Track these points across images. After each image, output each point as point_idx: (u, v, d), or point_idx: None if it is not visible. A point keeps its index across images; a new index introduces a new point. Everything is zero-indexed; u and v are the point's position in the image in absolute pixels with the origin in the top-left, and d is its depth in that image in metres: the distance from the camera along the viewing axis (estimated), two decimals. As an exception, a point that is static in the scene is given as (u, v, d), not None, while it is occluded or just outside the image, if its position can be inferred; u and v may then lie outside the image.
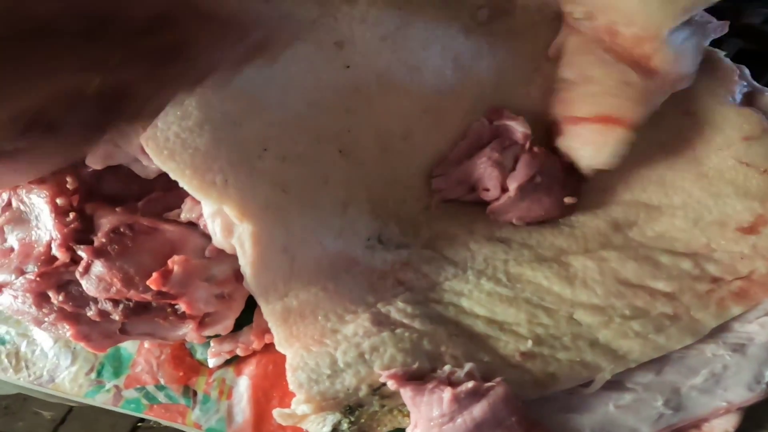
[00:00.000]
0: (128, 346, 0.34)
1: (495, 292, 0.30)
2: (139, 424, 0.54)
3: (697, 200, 0.34)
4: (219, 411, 0.32)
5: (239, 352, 0.32)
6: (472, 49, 0.33)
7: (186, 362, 0.33)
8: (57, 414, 0.58)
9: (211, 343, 0.33)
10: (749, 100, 0.37)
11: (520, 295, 0.30)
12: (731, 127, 0.34)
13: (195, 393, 0.32)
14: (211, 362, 0.33)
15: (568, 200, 0.33)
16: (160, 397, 0.32)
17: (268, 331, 0.32)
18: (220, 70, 0.27)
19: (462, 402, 0.26)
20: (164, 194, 0.30)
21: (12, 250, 0.29)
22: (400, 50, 0.31)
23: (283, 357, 0.33)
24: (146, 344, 0.33)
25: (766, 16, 0.53)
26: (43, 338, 0.34)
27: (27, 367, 0.34)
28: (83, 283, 0.27)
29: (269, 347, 0.33)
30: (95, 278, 0.26)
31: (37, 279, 0.27)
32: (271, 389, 0.32)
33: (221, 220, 0.27)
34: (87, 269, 0.27)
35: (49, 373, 0.33)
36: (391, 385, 0.26)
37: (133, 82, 0.25)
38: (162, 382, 0.33)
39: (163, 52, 0.25)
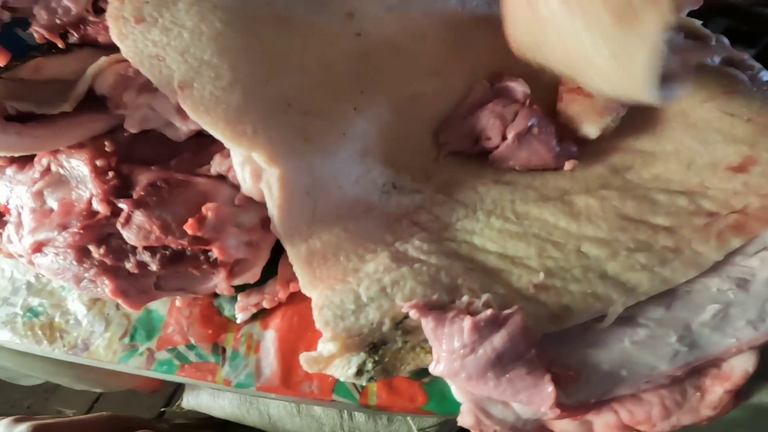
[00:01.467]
0: (159, 308, 0.35)
1: (505, 229, 0.32)
2: (163, 409, 0.54)
3: (688, 147, 0.37)
4: (247, 366, 0.33)
5: (265, 304, 0.34)
6: (469, 18, 0.37)
7: (214, 320, 0.35)
8: (79, 411, 0.58)
9: (239, 298, 0.34)
10: (728, 63, 0.40)
11: (529, 231, 0.32)
12: (712, 83, 0.37)
13: (224, 350, 0.33)
14: (239, 317, 0.34)
15: (568, 165, 0.35)
16: (191, 356, 0.33)
17: (292, 280, 0.34)
18: None
19: (482, 331, 0.26)
20: (193, 155, 0.33)
21: (52, 210, 0.31)
22: (405, 19, 0.35)
23: (306, 308, 0.34)
24: (177, 302, 0.34)
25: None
26: (77, 307, 0.36)
27: (61, 337, 0.35)
28: (124, 233, 0.28)
29: (293, 299, 0.34)
30: (135, 227, 0.28)
31: (81, 232, 0.28)
32: (296, 342, 0.33)
33: (250, 167, 0.29)
34: (128, 220, 0.29)
35: (84, 341, 0.34)
36: (414, 314, 0.27)
37: None
38: (192, 341, 0.34)
39: None
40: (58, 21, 0.30)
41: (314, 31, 0.33)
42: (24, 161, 0.32)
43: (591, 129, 0.36)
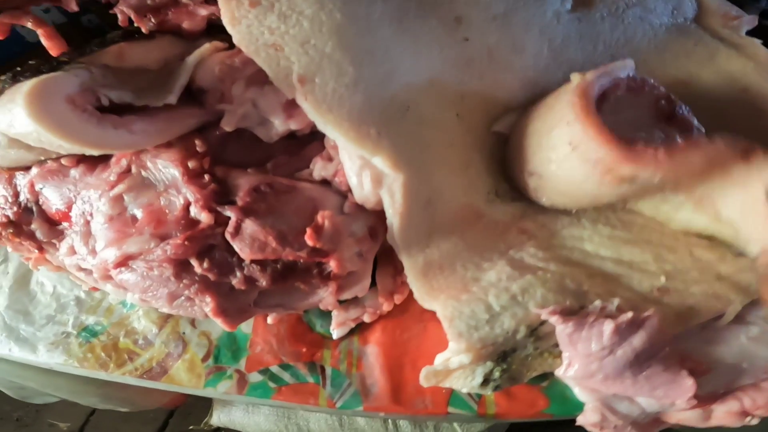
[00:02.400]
0: (242, 326, 0.32)
1: (615, 235, 0.32)
2: (192, 427, 0.50)
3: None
4: (351, 385, 0.30)
5: (366, 318, 0.31)
6: (563, 34, 0.36)
7: (307, 337, 0.32)
8: (74, 424, 0.53)
9: (335, 313, 0.31)
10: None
11: (639, 237, 0.32)
12: None
13: (323, 369, 0.31)
14: (336, 333, 0.31)
15: None
16: (286, 377, 0.30)
17: (395, 292, 0.32)
18: None
19: (622, 333, 0.26)
20: (289, 157, 0.30)
21: (135, 219, 0.27)
22: (507, 30, 0.34)
23: (408, 320, 0.32)
24: (269, 320, 0.31)
25: (761, 10, 0.61)
26: (145, 326, 0.32)
27: (131, 360, 0.31)
28: (235, 244, 0.25)
29: (392, 312, 0.32)
30: (249, 238, 0.25)
31: (185, 243, 0.25)
32: (401, 356, 0.31)
33: (371, 172, 0.27)
34: (237, 229, 0.25)
35: (160, 364, 0.30)
36: (555, 321, 0.26)
37: None
38: (285, 360, 0.31)
39: None
40: (149, 2, 0.26)
41: (425, 33, 0.31)
42: (95, 161, 0.28)
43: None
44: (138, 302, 0.28)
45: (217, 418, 0.57)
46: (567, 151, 0.28)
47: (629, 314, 0.26)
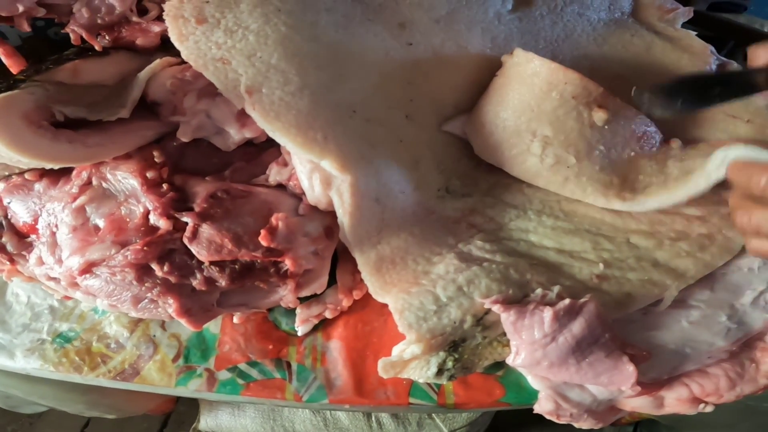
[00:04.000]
0: (210, 327, 0.33)
1: (557, 226, 0.33)
2: None
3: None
4: (316, 379, 0.32)
5: (328, 314, 0.33)
6: (505, 32, 0.38)
7: (273, 335, 0.33)
8: None
9: (298, 310, 0.33)
10: (721, 69, 0.44)
11: (580, 227, 0.33)
12: None
13: (289, 365, 0.32)
14: (300, 329, 0.33)
15: None
16: (254, 374, 0.32)
17: (354, 288, 0.33)
18: None
19: (561, 320, 0.27)
20: (246, 164, 0.31)
21: (98, 228, 0.28)
22: (450, 31, 0.36)
23: (369, 315, 0.34)
24: (236, 319, 0.33)
25: (708, 3, 0.63)
26: (116, 331, 0.33)
27: (104, 363, 0.32)
28: (193, 248, 0.27)
29: (354, 307, 0.34)
30: (205, 241, 0.27)
31: (144, 249, 0.26)
32: (363, 349, 0.33)
33: (320, 174, 0.28)
34: (194, 233, 0.27)
35: (132, 366, 0.32)
36: (497, 309, 0.28)
37: None
38: (253, 358, 0.32)
39: None
40: (99, 21, 0.28)
41: (371, 39, 0.32)
42: (57, 175, 0.29)
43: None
44: (107, 308, 0.30)
45: (204, 422, 0.58)
46: None
47: (567, 301, 0.28)
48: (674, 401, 0.30)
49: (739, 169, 0.26)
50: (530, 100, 0.32)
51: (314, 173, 0.29)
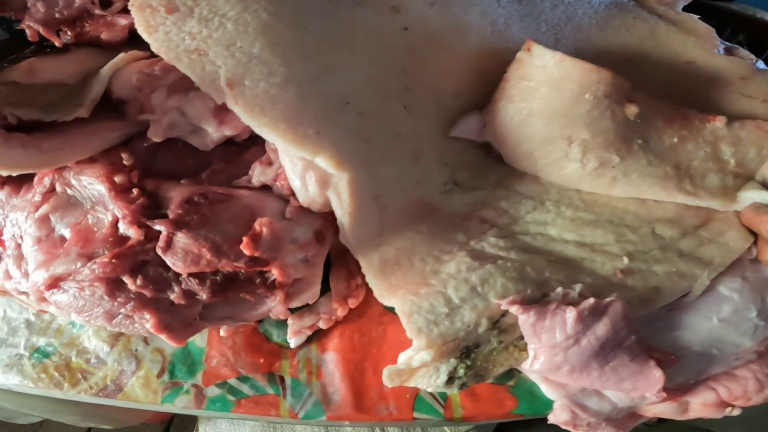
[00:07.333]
0: (196, 340, 0.31)
1: (577, 217, 0.30)
2: None
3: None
4: (312, 394, 0.29)
5: (322, 324, 0.30)
6: (504, 15, 0.35)
7: (264, 348, 0.31)
8: None
9: (290, 321, 0.30)
10: (729, 52, 0.41)
11: (601, 217, 0.31)
12: (727, 70, 0.38)
13: (282, 379, 0.30)
14: (293, 341, 0.30)
15: None
16: (245, 389, 0.29)
17: (349, 296, 0.31)
18: None
19: (585, 321, 0.25)
20: (226, 165, 0.29)
21: (63, 239, 0.26)
22: (446, 15, 0.33)
23: (366, 324, 0.31)
24: (222, 332, 0.30)
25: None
26: (95, 345, 0.31)
27: (85, 379, 0.30)
28: (167, 259, 0.24)
29: (350, 316, 0.31)
30: (181, 251, 0.24)
31: (113, 261, 0.24)
32: (362, 361, 0.30)
33: (315, 173, 0.26)
34: (168, 243, 0.24)
35: (114, 382, 0.29)
36: (515, 310, 0.25)
37: None
38: (243, 372, 0.30)
39: None
40: (57, 15, 0.25)
41: (361, 25, 0.29)
42: (19, 182, 0.27)
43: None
44: (82, 322, 0.27)
45: (203, 431, 0.56)
46: None
47: (591, 300, 0.25)
48: (700, 406, 0.28)
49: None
50: (560, 106, 0.29)
51: (308, 172, 0.26)
